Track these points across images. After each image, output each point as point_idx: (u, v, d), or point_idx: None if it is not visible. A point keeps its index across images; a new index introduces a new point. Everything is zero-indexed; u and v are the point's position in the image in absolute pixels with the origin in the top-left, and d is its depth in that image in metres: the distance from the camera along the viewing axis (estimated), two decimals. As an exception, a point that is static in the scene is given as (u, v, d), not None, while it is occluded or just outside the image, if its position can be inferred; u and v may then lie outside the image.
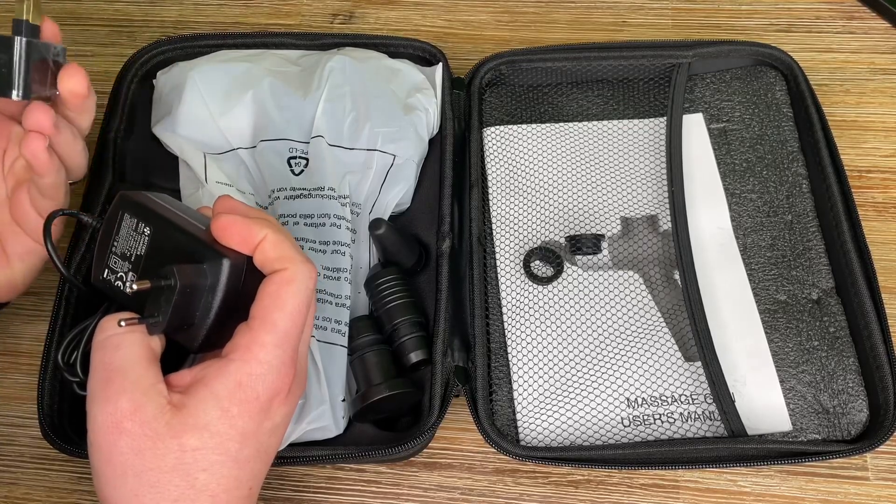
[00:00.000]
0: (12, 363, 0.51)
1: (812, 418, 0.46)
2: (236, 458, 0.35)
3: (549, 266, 0.50)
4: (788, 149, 0.53)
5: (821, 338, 0.48)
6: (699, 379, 0.46)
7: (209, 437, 0.34)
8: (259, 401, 0.35)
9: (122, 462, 0.33)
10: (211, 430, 0.34)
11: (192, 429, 0.33)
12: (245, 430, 0.35)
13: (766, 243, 0.51)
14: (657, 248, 0.50)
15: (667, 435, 0.45)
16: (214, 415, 0.34)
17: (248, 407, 0.35)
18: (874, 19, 0.61)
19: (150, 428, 0.33)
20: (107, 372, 0.34)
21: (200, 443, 0.33)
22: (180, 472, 0.33)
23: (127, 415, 0.33)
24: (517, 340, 0.48)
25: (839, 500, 0.46)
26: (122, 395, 0.33)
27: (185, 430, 0.33)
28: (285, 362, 0.36)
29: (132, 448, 0.33)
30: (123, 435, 0.33)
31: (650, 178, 0.53)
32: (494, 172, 0.53)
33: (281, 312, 0.35)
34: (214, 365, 0.35)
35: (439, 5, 0.64)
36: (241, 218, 0.36)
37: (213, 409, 0.34)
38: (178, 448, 0.33)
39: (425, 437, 0.44)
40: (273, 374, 0.35)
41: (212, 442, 0.34)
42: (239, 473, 0.35)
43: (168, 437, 0.33)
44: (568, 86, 0.57)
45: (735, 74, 0.56)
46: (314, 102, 0.50)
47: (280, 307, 0.35)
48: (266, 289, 0.35)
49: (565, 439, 0.45)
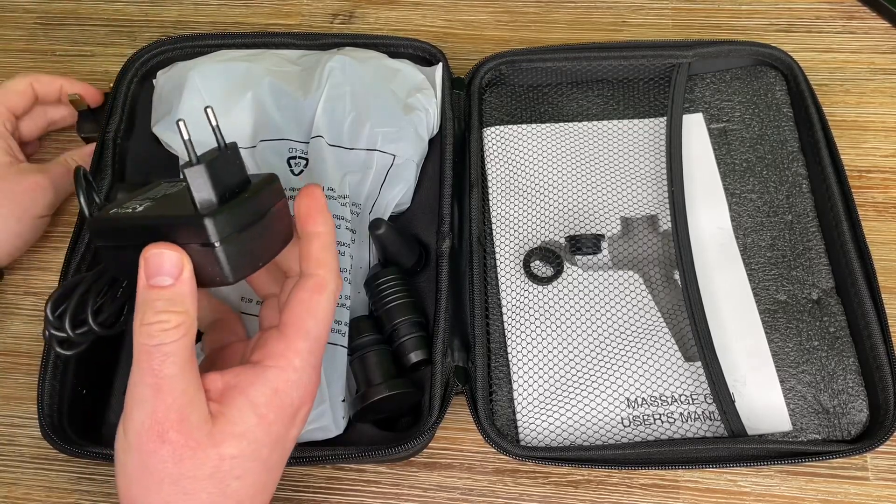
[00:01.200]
0: (12, 363, 0.51)
1: (812, 418, 0.46)
2: (266, 464, 0.35)
3: (549, 266, 0.50)
4: (788, 149, 0.53)
5: (821, 338, 0.48)
6: (699, 379, 0.46)
7: (247, 445, 0.34)
8: (293, 407, 0.36)
9: (160, 469, 0.33)
10: (249, 437, 0.34)
11: (231, 437, 0.34)
12: (278, 437, 0.35)
13: (766, 243, 0.51)
14: (657, 248, 0.50)
15: (667, 435, 0.45)
16: (252, 422, 0.34)
17: (283, 413, 0.35)
18: (874, 19, 0.61)
19: (193, 438, 0.33)
20: (156, 379, 0.33)
21: (238, 451, 0.34)
22: (215, 480, 0.33)
23: (174, 424, 0.33)
24: (517, 340, 0.48)
25: (839, 500, 0.46)
26: (172, 404, 0.33)
27: (224, 439, 0.33)
28: (316, 368, 0.37)
29: (173, 456, 0.33)
30: (167, 444, 0.33)
31: (650, 178, 0.53)
32: (494, 172, 0.53)
33: (314, 320, 0.36)
34: (249, 371, 0.35)
35: (439, 5, 0.64)
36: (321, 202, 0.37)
37: (251, 416, 0.34)
38: (217, 457, 0.33)
39: (425, 437, 0.44)
40: (305, 380, 0.36)
41: (249, 449, 0.34)
42: (266, 479, 0.36)
43: (209, 447, 0.33)
44: (568, 86, 0.57)
45: (735, 74, 0.56)
46: (314, 102, 0.50)
47: (313, 314, 0.36)
48: (298, 295, 0.36)
49: (565, 439, 0.45)
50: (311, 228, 0.37)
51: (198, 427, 0.33)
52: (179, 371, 0.33)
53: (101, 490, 0.48)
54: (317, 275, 0.36)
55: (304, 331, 0.36)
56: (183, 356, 0.33)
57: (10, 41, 0.64)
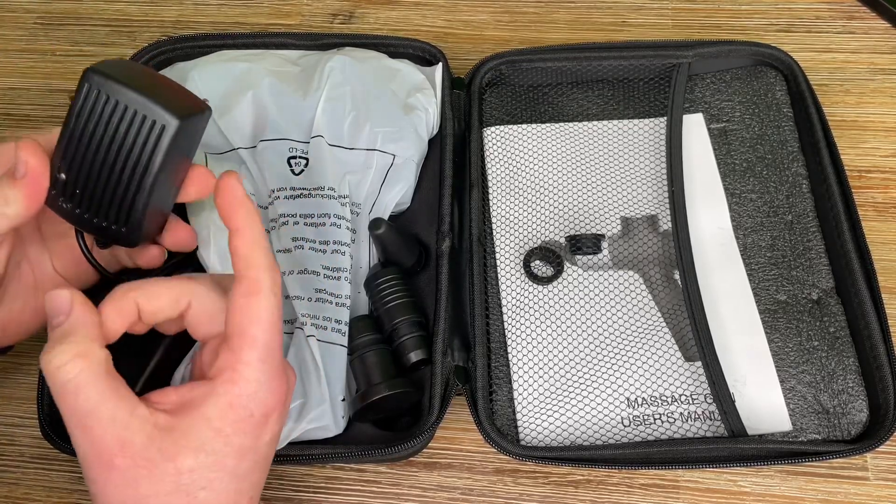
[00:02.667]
0: (12, 363, 0.51)
1: (812, 418, 0.46)
2: (235, 473, 0.34)
3: (549, 266, 0.50)
4: (788, 149, 0.53)
5: (821, 338, 0.48)
6: (699, 379, 0.46)
7: (205, 457, 0.33)
8: (253, 418, 0.34)
9: (118, 494, 0.32)
10: (206, 449, 0.33)
11: (186, 450, 0.33)
12: (242, 446, 0.34)
13: (767, 243, 0.51)
14: (657, 248, 0.50)
15: (667, 435, 0.45)
16: (208, 436, 0.33)
17: (243, 425, 0.34)
18: (874, 19, 0.61)
19: (143, 458, 0.32)
20: (79, 418, 0.32)
21: (196, 463, 0.33)
22: (181, 493, 0.32)
23: (116, 452, 0.32)
24: (517, 340, 0.48)
25: (839, 500, 0.46)
26: (104, 436, 0.32)
27: (178, 452, 0.32)
28: (274, 375, 0.35)
29: (126, 481, 0.32)
30: (114, 471, 0.32)
31: (650, 178, 0.53)
32: (494, 172, 0.53)
33: (258, 326, 0.34)
34: (202, 387, 0.34)
35: (439, 5, 0.64)
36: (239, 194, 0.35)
37: (206, 430, 0.33)
38: (175, 471, 0.32)
39: (425, 437, 0.44)
40: (264, 390, 0.34)
41: (208, 461, 0.33)
42: (239, 486, 0.34)
43: (162, 462, 0.32)
44: (568, 86, 0.57)
45: (735, 74, 0.56)
46: (314, 102, 0.50)
47: (255, 320, 0.34)
48: (235, 302, 0.34)
49: (565, 439, 0.45)
50: (233, 224, 0.34)
51: (144, 447, 0.32)
52: (98, 400, 0.32)
53: (100, 490, 0.48)
54: (247, 277, 0.34)
55: (249, 340, 0.34)
56: (96, 385, 0.32)
57: (10, 41, 0.64)
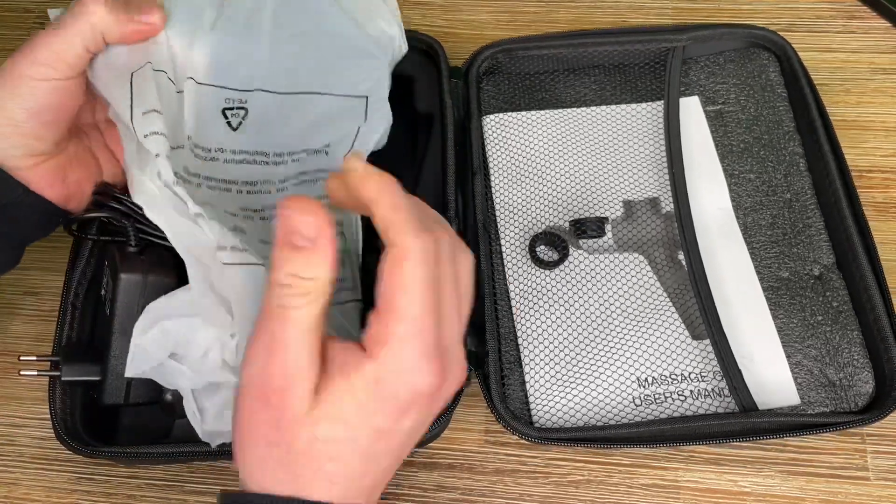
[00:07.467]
0: (13, 363, 0.50)
1: (819, 391, 0.46)
2: (366, 453, 0.33)
3: (554, 250, 0.50)
4: (784, 128, 0.54)
5: (824, 312, 0.48)
6: (708, 356, 0.47)
7: (343, 430, 0.32)
8: (398, 401, 0.32)
9: (260, 428, 0.32)
10: (346, 423, 0.32)
11: (326, 419, 0.32)
12: (381, 428, 0.33)
13: (767, 222, 0.51)
14: (660, 230, 0.51)
15: (679, 412, 0.45)
16: (350, 409, 0.32)
17: (386, 405, 0.32)
18: (874, 19, 0.61)
19: (292, 410, 0.32)
20: (272, 342, 0.32)
21: (333, 434, 0.32)
22: (309, 458, 0.32)
23: (276, 390, 0.32)
24: (526, 325, 0.48)
25: (839, 500, 0.46)
26: (278, 370, 0.32)
27: (319, 420, 0.32)
28: (427, 354, 0.32)
29: (271, 420, 0.32)
30: (268, 407, 0.32)
31: (650, 162, 0.53)
32: (496, 159, 0.53)
33: (406, 296, 0.31)
34: (356, 355, 0.33)
35: (439, 5, 0.64)
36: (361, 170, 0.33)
37: (350, 403, 0.32)
38: (310, 436, 0.32)
39: (442, 422, 0.44)
40: (412, 372, 0.32)
41: (344, 435, 0.32)
42: (366, 468, 0.33)
43: (306, 423, 0.32)
44: (564, 73, 0.57)
45: (729, 57, 0.57)
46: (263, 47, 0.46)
47: (402, 289, 0.31)
48: (385, 271, 0.32)
49: (578, 420, 0.45)
50: (368, 196, 0.33)
51: (300, 400, 0.32)
52: (297, 339, 0.32)
53: (101, 490, 0.47)
54: (393, 243, 0.32)
55: (397, 312, 0.31)
56: (304, 324, 0.32)
57: (10, 41, 0.63)
